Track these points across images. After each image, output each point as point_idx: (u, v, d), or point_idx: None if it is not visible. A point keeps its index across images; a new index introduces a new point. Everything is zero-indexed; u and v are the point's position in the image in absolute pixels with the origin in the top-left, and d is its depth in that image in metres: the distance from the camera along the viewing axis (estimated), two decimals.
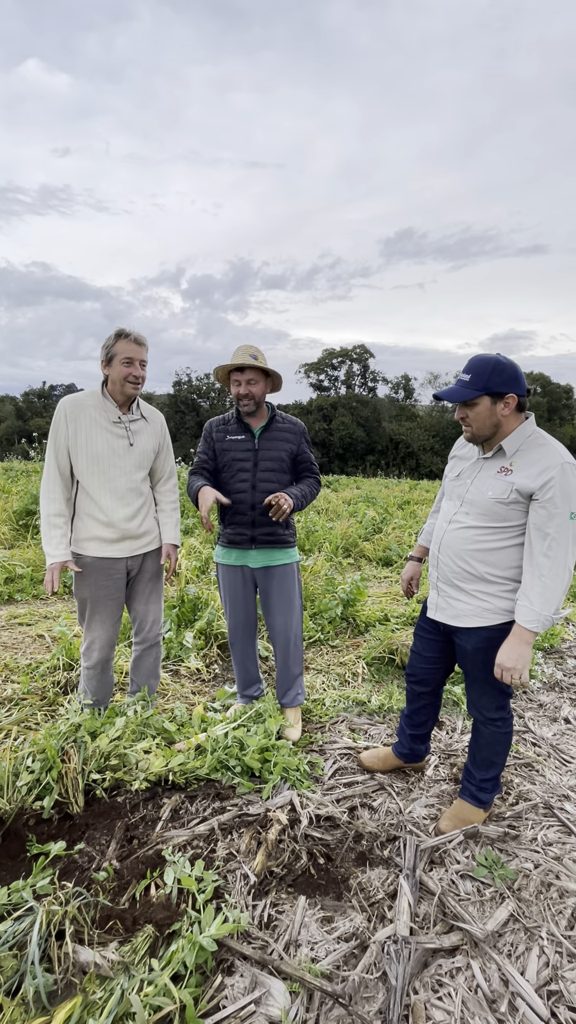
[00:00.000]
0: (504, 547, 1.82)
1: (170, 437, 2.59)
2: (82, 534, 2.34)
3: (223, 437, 2.53)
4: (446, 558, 1.94)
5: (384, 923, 1.67)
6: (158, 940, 1.52)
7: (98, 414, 2.29)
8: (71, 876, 1.71)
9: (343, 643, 3.88)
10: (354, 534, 7.01)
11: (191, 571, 4.95)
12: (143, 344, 2.29)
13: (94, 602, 2.38)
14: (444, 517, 1.99)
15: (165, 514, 2.54)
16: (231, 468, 2.51)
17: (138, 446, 2.37)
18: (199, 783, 2.13)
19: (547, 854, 1.96)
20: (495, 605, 1.86)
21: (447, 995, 1.48)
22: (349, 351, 48.12)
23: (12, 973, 1.36)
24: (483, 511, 1.82)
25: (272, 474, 2.50)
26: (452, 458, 2.08)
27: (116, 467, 2.31)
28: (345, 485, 15.27)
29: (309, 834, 1.94)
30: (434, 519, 2.27)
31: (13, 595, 4.58)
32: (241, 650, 2.74)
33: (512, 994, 1.48)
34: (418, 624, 2.21)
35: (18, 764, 1.97)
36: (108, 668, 2.50)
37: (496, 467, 1.81)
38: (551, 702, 3.19)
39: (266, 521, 2.49)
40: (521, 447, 1.78)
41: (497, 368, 1.72)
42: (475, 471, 1.89)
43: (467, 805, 2.08)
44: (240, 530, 2.53)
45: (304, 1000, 1.43)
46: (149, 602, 2.56)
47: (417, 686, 2.23)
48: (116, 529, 2.33)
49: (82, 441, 2.27)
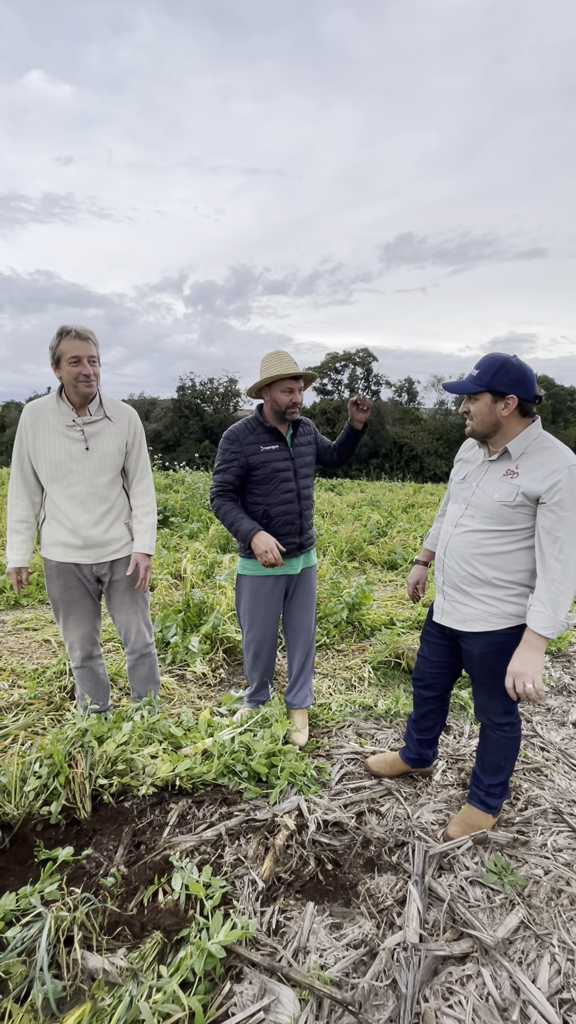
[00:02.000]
0: (510, 551, 1.81)
1: (143, 433, 2.45)
2: (49, 538, 2.33)
3: (257, 449, 2.40)
4: (452, 562, 1.93)
5: (393, 930, 1.66)
6: (166, 946, 1.51)
7: (54, 419, 2.22)
8: (79, 882, 1.71)
9: (349, 647, 3.87)
10: (359, 538, 7.00)
11: (196, 575, 4.95)
12: (88, 339, 2.15)
13: (66, 603, 2.38)
14: (450, 521, 1.98)
15: (136, 520, 2.42)
16: (272, 480, 2.42)
17: (96, 449, 2.26)
18: (206, 788, 2.13)
19: (557, 860, 1.94)
20: (501, 610, 1.85)
21: (458, 1003, 1.47)
22: (352, 355, 48.19)
23: (21, 979, 1.36)
24: (489, 514, 1.81)
25: (308, 479, 2.57)
26: (458, 461, 2.07)
27: (74, 472, 2.25)
28: (349, 489, 15.25)
29: (317, 840, 1.93)
30: (440, 523, 2.26)
31: (20, 600, 4.60)
32: (267, 659, 2.72)
33: (523, 1002, 1.47)
34: (424, 629, 2.20)
35: (25, 769, 1.97)
36: (97, 666, 2.51)
37: (502, 470, 1.80)
38: (559, 706, 3.17)
39: (310, 524, 2.60)
40: (527, 450, 1.77)
41: (504, 368, 1.72)
42: (480, 474, 1.88)
43: (476, 810, 2.06)
44: (289, 540, 2.49)
45: (313, 1008, 1.42)
46: (130, 612, 2.48)
47: (424, 691, 2.22)
48: (79, 535, 2.29)
49: (40, 447, 2.22)
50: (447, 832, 2.04)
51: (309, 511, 2.59)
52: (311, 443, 2.61)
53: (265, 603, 2.58)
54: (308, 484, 2.57)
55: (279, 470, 2.43)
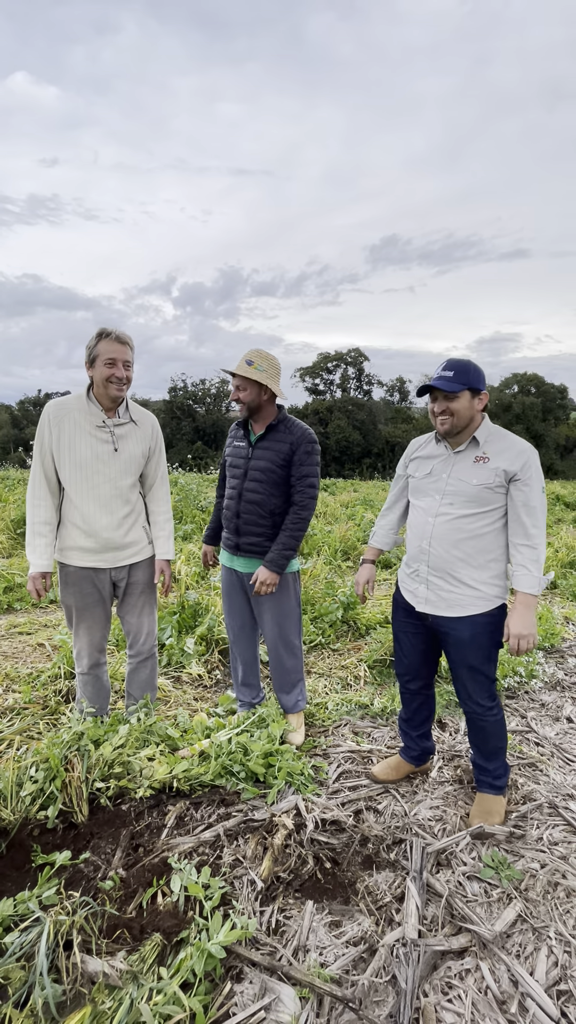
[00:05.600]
0: (491, 530, 1.97)
1: (164, 440, 2.50)
2: (66, 543, 2.31)
3: (231, 441, 2.57)
4: (440, 550, 2.01)
5: (392, 926, 1.67)
6: (166, 948, 1.51)
7: (82, 418, 2.22)
8: (77, 886, 1.70)
9: (344, 646, 3.88)
10: (352, 537, 7.02)
11: (191, 576, 4.94)
12: (126, 343, 2.19)
13: (79, 610, 2.35)
14: (427, 513, 2.05)
15: (157, 526, 2.45)
16: (228, 472, 2.56)
17: (124, 451, 2.28)
18: (203, 789, 2.13)
19: (553, 853, 1.96)
20: (486, 592, 1.99)
21: (457, 997, 1.48)
22: (344, 355, 48.24)
23: (21, 984, 1.35)
24: (469, 498, 1.96)
25: (259, 484, 2.39)
26: (413, 459, 2.17)
27: (100, 473, 2.24)
28: (342, 488, 15.27)
29: (315, 838, 1.94)
30: (386, 519, 2.35)
31: (12, 604, 4.57)
32: (238, 653, 2.71)
33: (522, 995, 1.48)
34: (397, 622, 2.25)
35: (21, 774, 1.96)
36: (102, 673, 2.48)
37: (471, 457, 1.97)
38: (553, 701, 3.20)
39: (249, 531, 2.43)
40: (489, 438, 1.98)
41: (474, 368, 1.94)
42: (448, 465, 2.02)
43: (489, 796, 2.14)
44: (227, 535, 2.55)
45: (314, 1005, 1.43)
46: (142, 615, 2.49)
47: (411, 683, 2.27)
48: (98, 539, 2.27)
49: (65, 446, 2.21)
50: (470, 823, 2.09)
51: (253, 517, 2.41)
52: (281, 452, 2.36)
53: (227, 593, 2.65)
54: (256, 490, 2.39)
55: (233, 465, 2.51)
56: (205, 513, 7.46)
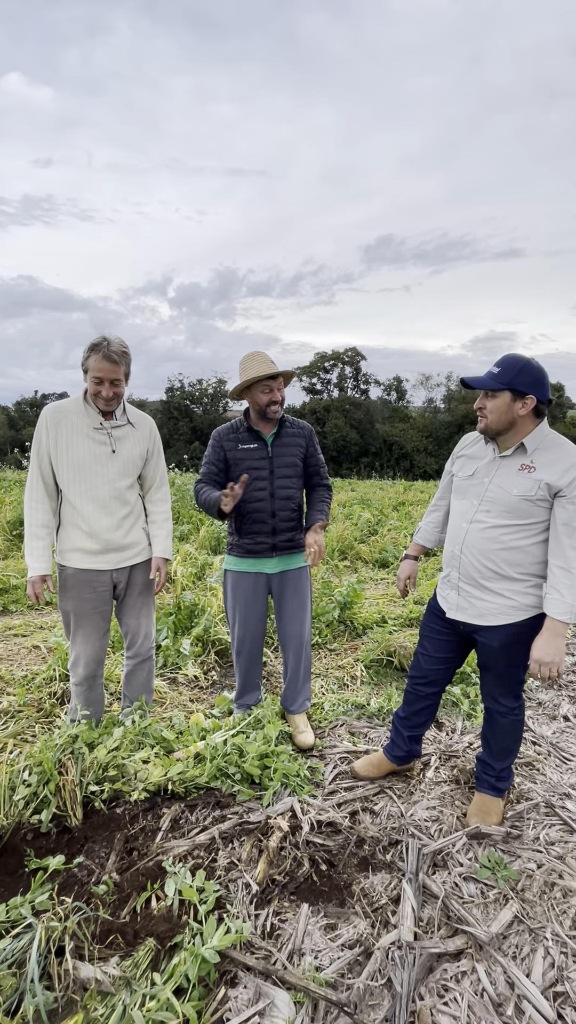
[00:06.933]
0: (528, 544, 1.84)
1: (161, 443, 2.51)
2: (65, 544, 2.30)
3: (235, 447, 2.48)
4: (470, 558, 1.93)
5: (388, 929, 1.66)
6: (160, 953, 1.49)
7: (80, 421, 2.23)
8: (70, 890, 1.69)
9: (341, 646, 3.87)
10: (350, 536, 7.01)
11: (187, 577, 4.93)
12: (117, 362, 2.14)
13: (78, 615, 2.33)
14: (463, 517, 1.97)
15: (156, 525, 2.47)
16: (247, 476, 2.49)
17: (121, 453, 2.30)
18: (199, 792, 2.11)
19: (549, 853, 1.95)
20: (520, 602, 1.88)
21: (453, 1000, 1.47)
22: (341, 354, 48.24)
23: (11, 992, 1.34)
24: (507, 508, 1.83)
25: (288, 480, 2.50)
26: (460, 456, 2.07)
27: (98, 475, 2.25)
28: (340, 488, 15.25)
29: (311, 840, 1.93)
30: (432, 516, 2.26)
31: (7, 606, 4.55)
32: (248, 659, 2.70)
33: (518, 996, 1.47)
34: (426, 624, 2.19)
35: (14, 778, 1.95)
36: (97, 684, 2.45)
37: (516, 465, 1.83)
38: (550, 700, 3.19)
39: (286, 527, 2.51)
40: (540, 446, 1.82)
41: (526, 369, 1.77)
42: (492, 469, 1.89)
43: (487, 797, 2.11)
44: (260, 539, 2.50)
45: (309, 1010, 1.41)
46: (140, 616, 2.49)
47: (423, 687, 2.21)
48: (99, 540, 2.27)
49: (63, 448, 2.22)
50: (467, 823, 2.08)
51: (287, 512, 2.50)
52: (299, 446, 2.54)
53: (244, 600, 2.59)
54: (288, 485, 2.50)
55: (253, 468, 2.47)
56: (201, 514, 7.45)
